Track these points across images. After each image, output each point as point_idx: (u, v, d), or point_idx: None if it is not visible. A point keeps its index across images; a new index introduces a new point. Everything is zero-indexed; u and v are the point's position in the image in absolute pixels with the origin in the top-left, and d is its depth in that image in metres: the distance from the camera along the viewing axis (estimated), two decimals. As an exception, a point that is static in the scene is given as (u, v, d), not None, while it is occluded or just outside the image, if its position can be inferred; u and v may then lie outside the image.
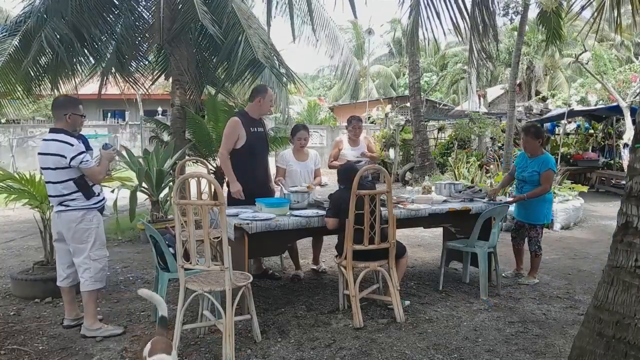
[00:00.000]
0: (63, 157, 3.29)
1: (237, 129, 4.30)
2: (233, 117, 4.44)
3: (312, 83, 38.14)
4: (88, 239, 3.42)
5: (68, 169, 3.32)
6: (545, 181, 4.51)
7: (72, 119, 3.43)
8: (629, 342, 2.19)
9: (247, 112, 4.44)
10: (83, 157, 3.31)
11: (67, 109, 3.42)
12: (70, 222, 3.38)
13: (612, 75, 15.37)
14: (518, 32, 10.64)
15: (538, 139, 4.59)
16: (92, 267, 3.43)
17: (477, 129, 14.00)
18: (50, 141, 3.34)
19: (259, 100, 4.38)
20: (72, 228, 3.38)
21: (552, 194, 4.67)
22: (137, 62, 7.84)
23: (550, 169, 4.51)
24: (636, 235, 2.28)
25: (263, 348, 3.21)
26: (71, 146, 3.30)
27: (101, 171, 3.44)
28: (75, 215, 3.38)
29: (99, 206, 3.51)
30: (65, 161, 3.29)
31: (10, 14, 11.59)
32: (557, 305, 4.12)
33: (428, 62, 31.56)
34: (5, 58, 6.69)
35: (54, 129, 3.43)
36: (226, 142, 4.32)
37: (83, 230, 3.40)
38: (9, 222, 8.17)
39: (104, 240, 3.57)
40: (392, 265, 3.73)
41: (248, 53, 6.58)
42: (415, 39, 4.82)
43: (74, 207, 3.37)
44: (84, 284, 3.43)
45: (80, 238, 3.41)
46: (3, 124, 17.82)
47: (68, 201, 3.37)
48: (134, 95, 15.88)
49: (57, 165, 3.32)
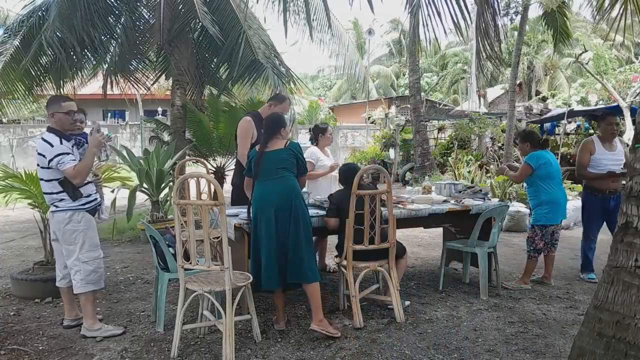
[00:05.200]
0: (44, 157, 3.26)
1: (251, 129, 4.32)
2: (245, 117, 4.45)
3: (312, 83, 38.13)
4: (76, 240, 3.37)
5: (50, 169, 3.28)
6: (518, 171, 4.68)
7: (56, 117, 3.35)
8: (629, 342, 2.19)
9: (260, 114, 4.45)
10: (60, 159, 3.22)
11: (51, 108, 3.37)
12: (59, 223, 3.37)
13: (612, 75, 15.38)
14: (518, 32, 10.66)
15: (525, 142, 4.67)
16: (82, 269, 3.38)
17: (477, 129, 14.00)
18: (40, 140, 3.35)
19: (270, 105, 4.42)
20: (61, 229, 3.37)
21: (553, 195, 4.52)
22: (137, 62, 7.85)
23: (525, 162, 4.56)
24: (636, 235, 2.27)
25: (263, 348, 3.21)
26: (51, 147, 3.24)
27: (80, 170, 3.25)
28: (63, 216, 3.35)
29: (88, 207, 3.44)
30: (45, 161, 3.26)
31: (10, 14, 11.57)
32: (557, 305, 4.12)
33: (428, 62, 31.56)
34: (6, 58, 6.70)
35: (48, 127, 3.43)
36: (243, 142, 4.32)
37: (71, 231, 3.36)
38: (9, 222, 8.17)
39: (96, 242, 3.49)
40: (392, 266, 3.73)
41: (248, 54, 6.59)
42: (416, 38, 4.81)
43: (61, 208, 3.35)
44: (76, 286, 3.41)
45: (69, 239, 3.38)
46: (3, 124, 17.82)
47: (57, 202, 3.36)
48: (134, 96, 15.88)
49: (42, 164, 3.30)
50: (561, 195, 4.60)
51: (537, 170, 4.49)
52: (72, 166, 3.25)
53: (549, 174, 4.52)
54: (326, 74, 39.26)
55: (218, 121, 7.41)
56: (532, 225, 4.63)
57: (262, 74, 6.81)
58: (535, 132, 5.49)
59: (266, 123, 3.59)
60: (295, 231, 3.31)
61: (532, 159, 4.52)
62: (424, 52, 21.60)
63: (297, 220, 3.32)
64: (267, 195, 3.33)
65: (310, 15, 7.63)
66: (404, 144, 15.30)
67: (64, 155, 3.24)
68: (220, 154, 7.84)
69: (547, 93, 21.12)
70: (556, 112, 13.59)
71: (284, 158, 3.40)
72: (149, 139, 9.20)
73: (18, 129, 18.04)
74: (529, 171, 4.52)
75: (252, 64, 6.70)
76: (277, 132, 3.47)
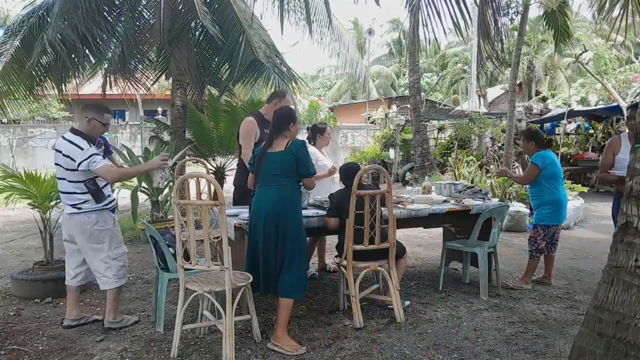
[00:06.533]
0: (72, 161, 3.34)
1: (254, 129, 4.27)
2: (247, 117, 4.40)
3: (312, 83, 38.12)
4: (104, 239, 3.49)
5: (77, 171, 3.37)
6: (525, 173, 4.66)
7: (92, 124, 3.48)
8: (629, 342, 2.19)
9: (262, 114, 4.41)
10: (91, 160, 3.32)
11: (91, 113, 3.48)
12: (83, 225, 3.43)
13: (613, 75, 15.38)
14: (518, 32, 10.65)
15: (530, 141, 4.62)
16: (114, 265, 3.52)
17: (477, 129, 13.99)
18: (65, 141, 3.40)
19: (274, 103, 4.31)
20: (87, 230, 3.44)
21: (556, 195, 4.51)
22: (137, 62, 7.85)
23: (532, 163, 4.51)
24: (636, 235, 2.27)
25: (263, 348, 3.21)
26: (81, 150, 3.34)
27: (117, 174, 3.49)
28: (89, 218, 3.43)
29: (110, 207, 3.58)
30: (74, 164, 3.34)
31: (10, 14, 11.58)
32: (557, 305, 4.12)
33: (428, 62, 31.56)
34: (7, 58, 6.70)
35: (72, 129, 3.49)
36: (247, 143, 4.26)
37: (98, 231, 3.46)
38: (9, 222, 8.17)
39: (121, 238, 3.65)
40: (392, 265, 3.73)
41: (249, 53, 6.58)
42: (416, 38, 4.81)
43: (86, 210, 3.42)
44: (108, 282, 3.51)
45: (97, 239, 3.47)
46: (3, 124, 17.83)
47: (80, 203, 3.42)
48: (134, 96, 15.88)
49: (67, 166, 3.37)
50: (563, 196, 4.60)
51: (543, 170, 4.46)
52: (105, 166, 3.38)
53: (554, 174, 4.49)
54: (326, 74, 39.25)
55: (218, 121, 7.40)
56: (535, 225, 4.61)
57: (264, 73, 6.80)
58: (540, 131, 5.44)
59: (275, 118, 3.36)
60: (282, 246, 3.19)
61: (538, 158, 4.48)
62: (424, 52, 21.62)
63: (285, 235, 3.18)
64: (261, 202, 3.25)
65: (310, 15, 7.63)
66: (404, 144, 15.30)
67: (95, 155, 3.35)
68: (220, 154, 7.84)
69: (547, 93, 21.13)
70: (556, 112, 13.60)
71: (282, 162, 3.22)
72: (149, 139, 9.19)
73: (18, 129, 18.04)
74: (537, 171, 4.47)
75: (253, 63, 6.69)
76: (286, 128, 3.29)
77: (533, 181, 4.59)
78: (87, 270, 3.61)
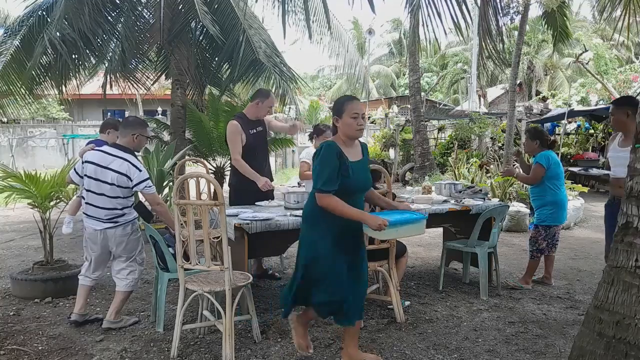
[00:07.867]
0: (129, 180, 3.42)
1: (238, 132, 4.33)
2: (231, 121, 4.46)
3: (312, 82, 38.12)
4: (138, 246, 3.65)
5: (125, 189, 3.46)
6: (531, 173, 4.56)
7: (139, 139, 3.57)
8: (629, 342, 2.19)
9: (245, 114, 4.48)
10: (147, 183, 3.48)
11: (137, 129, 3.55)
12: (122, 237, 3.53)
13: (613, 75, 15.37)
14: (518, 32, 10.64)
15: (535, 140, 4.59)
16: (137, 269, 3.64)
17: (477, 129, 13.99)
18: (117, 158, 3.43)
19: (257, 102, 4.43)
20: (125, 241, 3.55)
21: (559, 196, 4.50)
22: (137, 62, 7.85)
23: (537, 163, 4.47)
24: (636, 235, 2.27)
25: (263, 348, 3.21)
26: (139, 172, 3.45)
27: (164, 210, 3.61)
28: (127, 229, 3.55)
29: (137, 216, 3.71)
30: (130, 183, 3.43)
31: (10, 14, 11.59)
32: (557, 305, 4.12)
33: (428, 62, 31.56)
34: (7, 58, 6.70)
35: (118, 145, 3.52)
36: (233, 147, 4.34)
37: (135, 240, 3.62)
38: (9, 222, 8.17)
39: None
40: (392, 265, 3.73)
41: (249, 53, 6.58)
42: (416, 38, 4.81)
43: (123, 222, 3.52)
44: (128, 284, 3.59)
45: (132, 247, 3.61)
46: (3, 124, 17.84)
47: (118, 217, 3.49)
48: (134, 95, 15.89)
49: (119, 183, 3.42)
50: (565, 196, 4.61)
51: (547, 170, 4.45)
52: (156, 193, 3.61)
53: (557, 175, 4.49)
54: (326, 74, 39.23)
55: (218, 121, 7.41)
56: (536, 225, 4.60)
57: (264, 73, 6.81)
58: (545, 131, 5.41)
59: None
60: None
61: (543, 158, 4.46)
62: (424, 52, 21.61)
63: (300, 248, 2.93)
64: None
65: (310, 16, 7.63)
66: (404, 144, 15.30)
67: (149, 179, 3.52)
68: (220, 154, 7.85)
69: (547, 93, 21.10)
70: (556, 112, 13.58)
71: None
72: (149, 138, 9.21)
73: (18, 129, 18.05)
74: (543, 171, 4.45)
75: (253, 63, 6.69)
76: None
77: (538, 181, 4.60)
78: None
